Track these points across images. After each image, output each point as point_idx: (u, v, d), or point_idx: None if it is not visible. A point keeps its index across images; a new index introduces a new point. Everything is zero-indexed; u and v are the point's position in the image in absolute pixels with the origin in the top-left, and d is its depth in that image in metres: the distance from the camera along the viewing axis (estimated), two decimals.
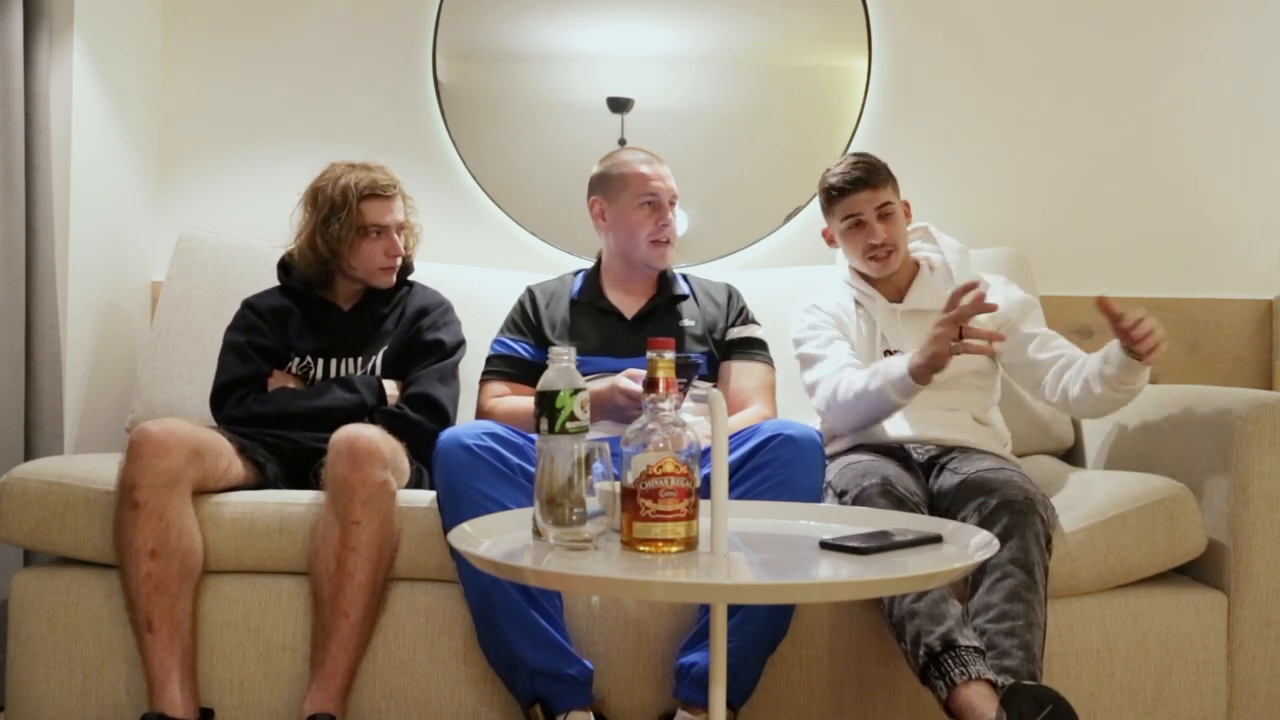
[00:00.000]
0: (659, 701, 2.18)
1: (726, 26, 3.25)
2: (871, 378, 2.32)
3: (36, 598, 2.24)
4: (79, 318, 2.84)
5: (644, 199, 2.58)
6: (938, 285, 2.54)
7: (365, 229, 2.54)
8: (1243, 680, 2.22)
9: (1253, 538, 2.20)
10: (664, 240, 2.60)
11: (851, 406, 2.36)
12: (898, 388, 2.28)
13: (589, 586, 1.83)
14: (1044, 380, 2.44)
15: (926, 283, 2.56)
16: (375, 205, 2.54)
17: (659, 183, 2.60)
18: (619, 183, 2.61)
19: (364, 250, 2.56)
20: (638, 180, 2.59)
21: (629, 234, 2.60)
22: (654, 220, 2.59)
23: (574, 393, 1.63)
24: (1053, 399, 2.43)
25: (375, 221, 2.54)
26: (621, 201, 2.60)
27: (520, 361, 2.58)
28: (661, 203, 2.59)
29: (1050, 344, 2.47)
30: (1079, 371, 2.36)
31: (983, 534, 1.71)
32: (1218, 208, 3.22)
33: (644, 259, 2.61)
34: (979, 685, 1.89)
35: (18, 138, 2.57)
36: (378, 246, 2.55)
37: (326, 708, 2.11)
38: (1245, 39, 3.23)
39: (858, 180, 2.48)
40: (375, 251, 2.56)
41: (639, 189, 2.59)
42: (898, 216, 2.51)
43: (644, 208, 2.59)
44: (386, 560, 2.19)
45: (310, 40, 3.23)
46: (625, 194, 2.60)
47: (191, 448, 2.17)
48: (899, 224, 2.52)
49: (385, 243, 2.55)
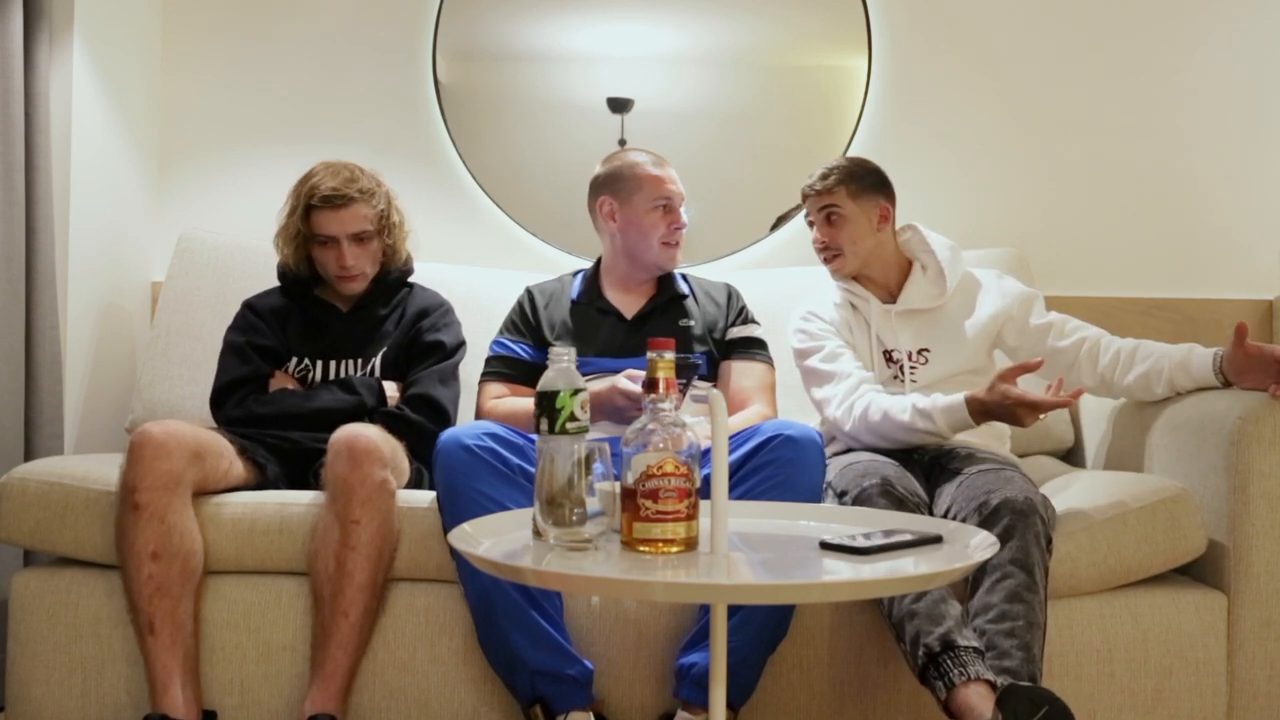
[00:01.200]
0: (659, 702, 2.18)
1: (726, 26, 3.25)
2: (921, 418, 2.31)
3: (36, 598, 2.24)
4: (79, 318, 2.84)
5: (658, 202, 2.59)
6: (929, 285, 2.55)
7: (315, 237, 2.52)
8: (1243, 680, 2.21)
9: (1253, 538, 2.20)
10: (674, 242, 2.61)
11: (888, 435, 2.35)
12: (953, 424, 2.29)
13: (589, 586, 1.83)
14: (1075, 365, 2.44)
15: (919, 283, 2.56)
16: (323, 215, 2.49)
17: (672, 185, 2.61)
18: (632, 184, 2.61)
19: (319, 257, 2.55)
20: (652, 183, 2.60)
21: (641, 235, 2.61)
22: (667, 223, 2.60)
23: (574, 393, 1.63)
24: (1091, 383, 2.44)
25: (322, 232, 2.50)
26: (635, 203, 2.61)
27: (519, 362, 2.58)
28: (674, 205, 2.61)
29: (1066, 329, 2.48)
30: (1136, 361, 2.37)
31: (983, 534, 1.71)
32: (1218, 208, 3.23)
33: (655, 260, 2.62)
34: (978, 686, 1.89)
35: (18, 138, 2.57)
36: (329, 256, 2.52)
37: (326, 708, 2.11)
38: (1245, 39, 3.23)
39: (812, 184, 2.55)
40: (328, 260, 2.53)
41: (654, 192, 2.59)
42: (846, 221, 2.53)
43: (657, 210, 2.59)
44: (386, 560, 2.19)
45: (310, 40, 3.23)
46: (639, 196, 2.60)
47: (192, 449, 2.17)
48: (847, 228, 2.53)
49: (336, 253, 2.51)
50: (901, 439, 2.35)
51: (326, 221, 2.50)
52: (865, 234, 2.54)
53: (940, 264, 2.56)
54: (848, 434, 2.41)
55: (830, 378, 2.47)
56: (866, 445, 2.40)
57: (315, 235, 2.52)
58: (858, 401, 2.39)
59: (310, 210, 2.50)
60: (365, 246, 2.54)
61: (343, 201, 2.49)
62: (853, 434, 2.40)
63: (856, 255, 2.55)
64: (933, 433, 2.32)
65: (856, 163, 2.58)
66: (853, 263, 2.55)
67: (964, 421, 2.28)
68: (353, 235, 2.51)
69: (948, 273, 2.55)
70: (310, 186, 2.51)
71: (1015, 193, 3.23)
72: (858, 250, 2.54)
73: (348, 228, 2.50)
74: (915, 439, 2.35)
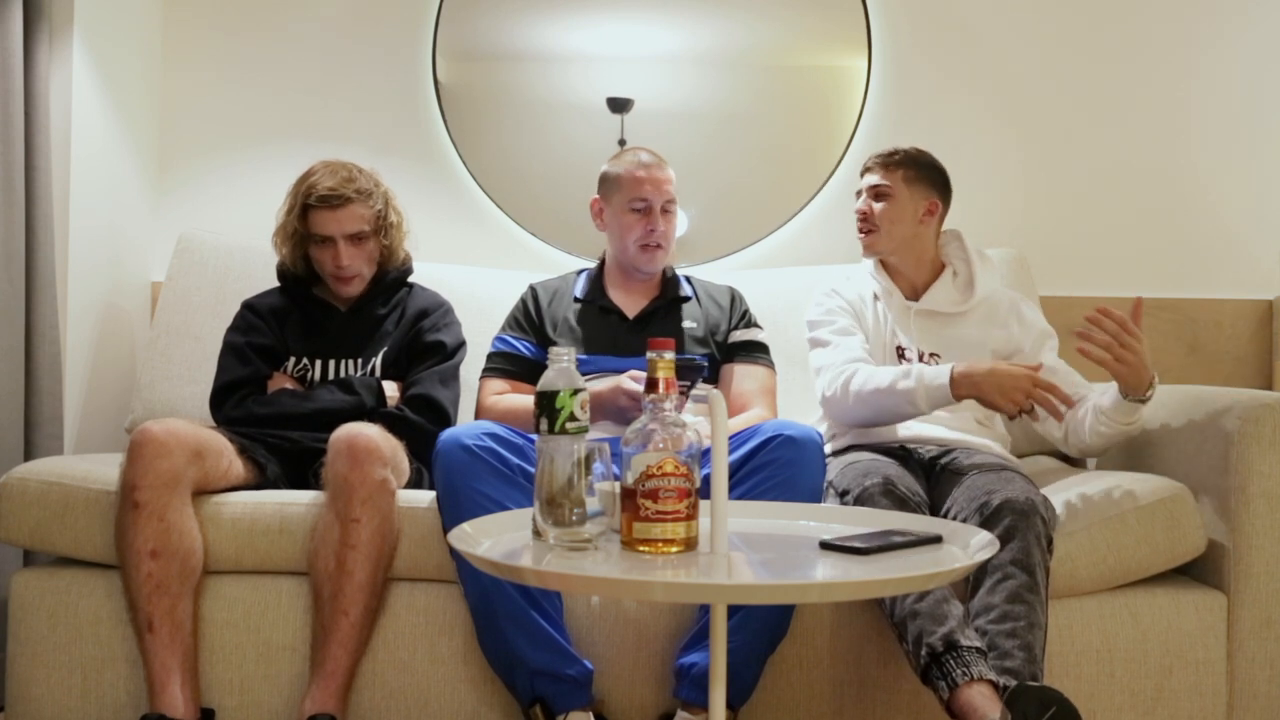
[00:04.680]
0: (659, 701, 2.18)
1: (726, 26, 3.25)
2: (903, 377, 2.31)
3: (36, 598, 2.24)
4: (79, 318, 2.84)
5: (634, 204, 2.58)
6: (955, 291, 2.55)
7: (311, 237, 2.53)
8: (1243, 680, 2.21)
9: (1252, 538, 2.20)
10: (653, 245, 2.59)
11: (867, 400, 2.35)
12: (931, 395, 2.28)
13: (589, 586, 1.83)
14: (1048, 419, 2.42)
15: (946, 286, 2.56)
16: (320, 215, 2.50)
17: (651, 187, 2.58)
18: (614, 184, 2.62)
19: (315, 256, 2.56)
20: (631, 184, 2.59)
21: (620, 236, 2.61)
22: (643, 225, 2.58)
23: (574, 393, 1.63)
24: (1064, 446, 2.42)
25: (319, 231, 2.51)
26: (614, 203, 2.61)
27: (520, 359, 2.58)
28: (651, 207, 2.58)
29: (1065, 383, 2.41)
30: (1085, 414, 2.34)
31: (983, 534, 1.71)
32: (1218, 208, 3.23)
33: (633, 262, 2.62)
34: (981, 686, 1.89)
35: (18, 138, 2.57)
36: (326, 255, 2.53)
37: (327, 707, 2.11)
38: (1245, 39, 3.23)
39: (875, 158, 2.57)
40: (324, 260, 2.54)
41: (630, 193, 2.59)
42: (893, 201, 2.52)
43: (634, 212, 2.59)
44: (386, 559, 2.19)
45: (310, 40, 3.23)
46: (618, 196, 2.61)
47: (192, 448, 2.17)
48: (891, 208, 2.53)
49: (332, 252, 2.52)
50: (881, 403, 2.34)
51: (323, 221, 2.50)
52: (907, 220, 2.54)
53: (972, 273, 2.56)
54: (833, 401, 2.41)
55: (829, 346, 2.49)
56: (852, 420, 2.40)
57: (312, 234, 2.52)
58: (848, 369, 2.40)
59: (307, 209, 2.51)
60: (361, 247, 2.54)
61: (339, 201, 2.49)
62: (837, 400, 2.39)
63: (891, 237, 2.54)
64: (911, 393, 2.30)
65: (924, 154, 2.59)
66: (885, 243, 2.55)
67: (943, 390, 2.27)
68: (349, 235, 2.51)
69: (978, 283, 2.54)
70: (308, 186, 2.52)
71: (1015, 193, 3.23)
72: (894, 233, 2.54)
73: (344, 227, 2.51)
74: (892, 402, 2.33)
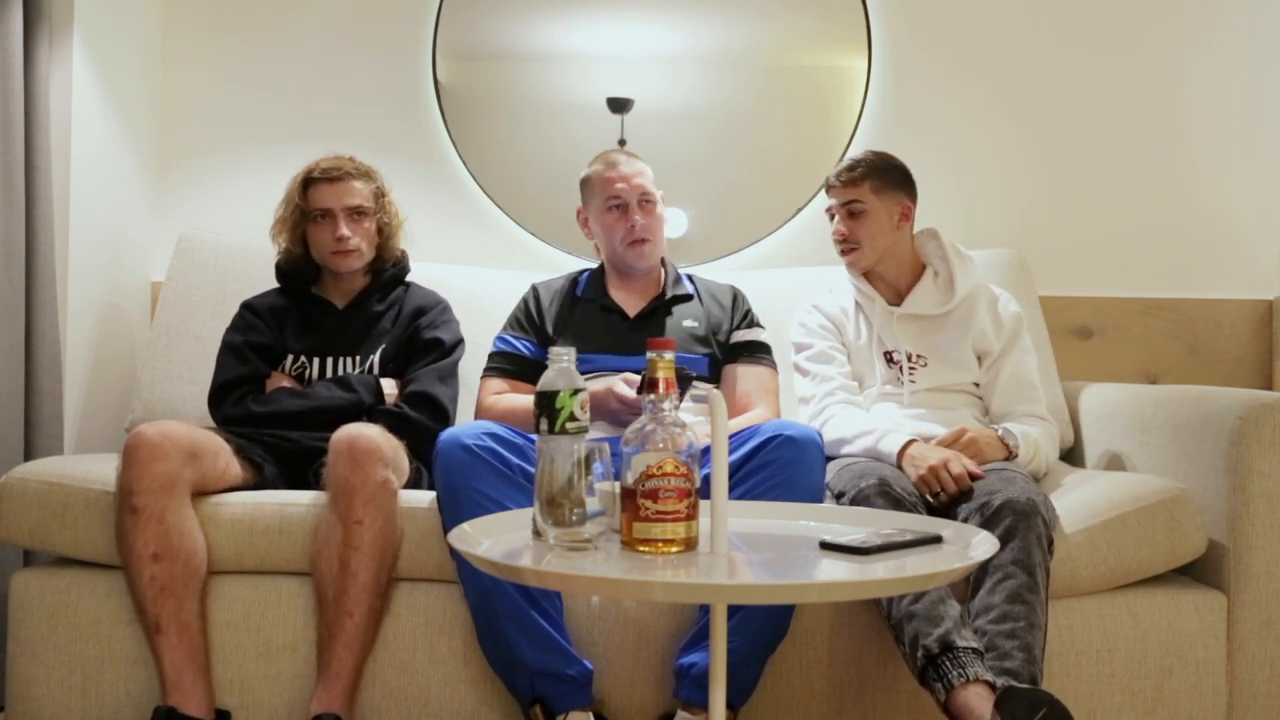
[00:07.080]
0: (659, 701, 2.18)
1: (726, 26, 3.25)
2: (864, 435, 2.38)
3: (36, 598, 2.24)
4: (79, 318, 2.84)
5: (611, 202, 2.59)
6: (937, 292, 2.55)
7: (310, 213, 2.56)
8: (1243, 680, 2.21)
9: (1252, 538, 2.20)
10: (638, 239, 2.59)
11: (832, 446, 2.40)
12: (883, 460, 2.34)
13: (589, 586, 1.82)
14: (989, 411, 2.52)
15: (927, 288, 2.56)
16: (319, 189, 2.56)
17: (623, 184, 2.58)
18: (588, 189, 2.64)
19: (314, 236, 2.58)
20: (602, 184, 2.60)
21: (606, 239, 2.62)
22: (623, 223, 2.58)
23: (574, 393, 1.63)
24: None
25: (319, 205, 2.56)
26: (593, 208, 2.63)
27: (521, 359, 2.58)
28: (628, 203, 2.58)
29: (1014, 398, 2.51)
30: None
31: (982, 534, 1.71)
32: (1218, 208, 3.23)
33: (623, 260, 2.62)
34: (977, 687, 1.89)
35: (18, 138, 2.57)
36: (325, 231, 2.56)
37: (332, 708, 2.11)
38: (1245, 39, 3.23)
39: (837, 176, 2.56)
40: (324, 236, 2.56)
41: (604, 192, 2.59)
42: (868, 216, 2.53)
43: (612, 211, 2.59)
44: (389, 559, 2.19)
45: (310, 40, 3.23)
46: (595, 199, 2.62)
47: (188, 450, 2.17)
48: (868, 223, 2.53)
49: (331, 226, 2.55)
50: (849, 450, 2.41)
51: (323, 195, 2.55)
52: (885, 230, 2.54)
53: (952, 272, 2.56)
54: None
55: (810, 377, 2.54)
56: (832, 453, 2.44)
57: (312, 210, 2.55)
58: (825, 413, 2.47)
59: (308, 185, 2.56)
60: (360, 223, 2.58)
61: (339, 175, 2.57)
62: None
63: (874, 250, 2.55)
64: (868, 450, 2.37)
65: (883, 158, 2.57)
66: (870, 257, 2.56)
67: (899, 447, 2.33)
68: (349, 209, 2.56)
69: (957, 282, 2.54)
70: (308, 166, 2.59)
71: (1015, 193, 3.23)
72: (876, 245, 2.55)
73: (344, 200, 2.55)
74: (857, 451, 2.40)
